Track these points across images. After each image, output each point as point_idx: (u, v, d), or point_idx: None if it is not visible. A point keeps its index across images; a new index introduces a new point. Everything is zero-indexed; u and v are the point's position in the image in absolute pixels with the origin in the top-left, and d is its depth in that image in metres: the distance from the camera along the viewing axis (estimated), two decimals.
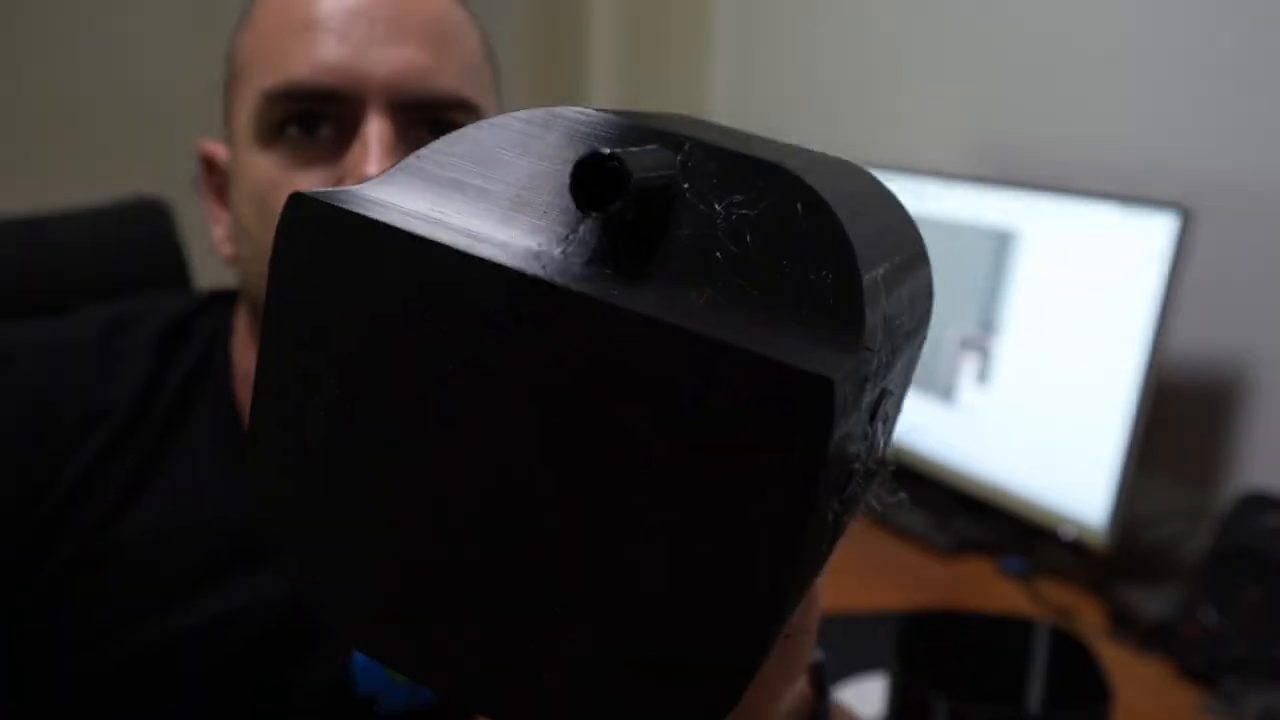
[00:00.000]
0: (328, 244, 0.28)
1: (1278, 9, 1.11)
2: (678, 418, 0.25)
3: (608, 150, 0.25)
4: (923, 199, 1.36)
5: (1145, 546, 1.18)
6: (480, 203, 0.28)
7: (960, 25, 1.58)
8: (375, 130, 0.56)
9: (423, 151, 0.30)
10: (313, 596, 0.30)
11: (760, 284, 0.26)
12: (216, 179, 0.67)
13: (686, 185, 0.27)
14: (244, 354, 0.67)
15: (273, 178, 0.58)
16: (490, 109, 0.63)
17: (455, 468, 0.27)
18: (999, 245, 1.25)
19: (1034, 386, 1.20)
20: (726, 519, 0.25)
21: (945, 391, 1.31)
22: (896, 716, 0.75)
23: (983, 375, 1.26)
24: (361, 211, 0.27)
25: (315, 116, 0.58)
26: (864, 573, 1.22)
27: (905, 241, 0.33)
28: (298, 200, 0.28)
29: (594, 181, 0.25)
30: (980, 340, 1.27)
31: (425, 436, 0.28)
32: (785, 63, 2.06)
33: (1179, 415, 1.22)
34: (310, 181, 0.58)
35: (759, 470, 0.24)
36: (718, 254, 0.27)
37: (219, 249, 0.66)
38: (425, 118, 0.60)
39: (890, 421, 0.32)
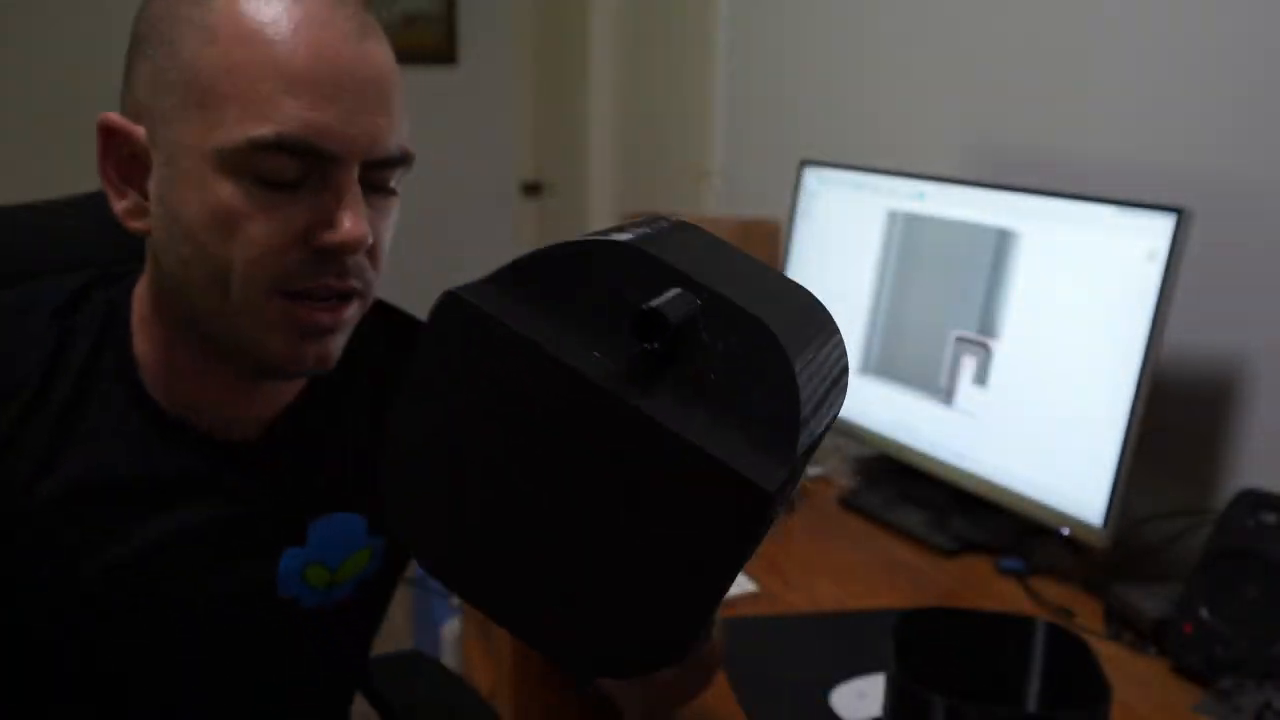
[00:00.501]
0: (466, 333, 0.44)
1: (1272, 11, 1.11)
2: (675, 486, 0.42)
3: (657, 305, 0.41)
4: (922, 201, 1.37)
5: (1142, 545, 1.19)
6: (563, 313, 0.44)
7: (959, 30, 1.58)
8: (353, 191, 0.65)
9: (522, 263, 0.45)
10: (417, 548, 0.47)
11: (738, 405, 0.42)
12: (121, 152, 0.68)
13: (701, 327, 0.43)
14: (145, 326, 0.73)
15: (241, 209, 0.64)
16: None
17: (526, 487, 0.44)
18: (997, 247, 1.26)
19: (1032, 387, 1.21)
20: (696, 547, 0.42)
21: (944, 392, 1.31)
22: (895, 715, 0.76)
23: (981, 376, 1.27)
24: (498, 317, 0.43)
25: (289, 169, 0.64)
26: (864, 573, 1.23)
27: (833, 348, 0.51)
28: (453, 300, 0.44)
29: (646, 325, 0.41)
30: (979, 341, 1.27)
31: (507, 463, 0.45)
32: (786, 67, 2.07)
33: (1176, 415, 1.23)
34: (277, 220, 0.64)
35: (720, 528, 0.41)
36: (712, 376, 0.42)
37: (125, 221, 0.69)
38: (377, 178, 0.68)
39: (813, 450, 0.49)
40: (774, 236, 1.82)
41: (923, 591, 1.19)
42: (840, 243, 1.50)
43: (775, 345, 0.42)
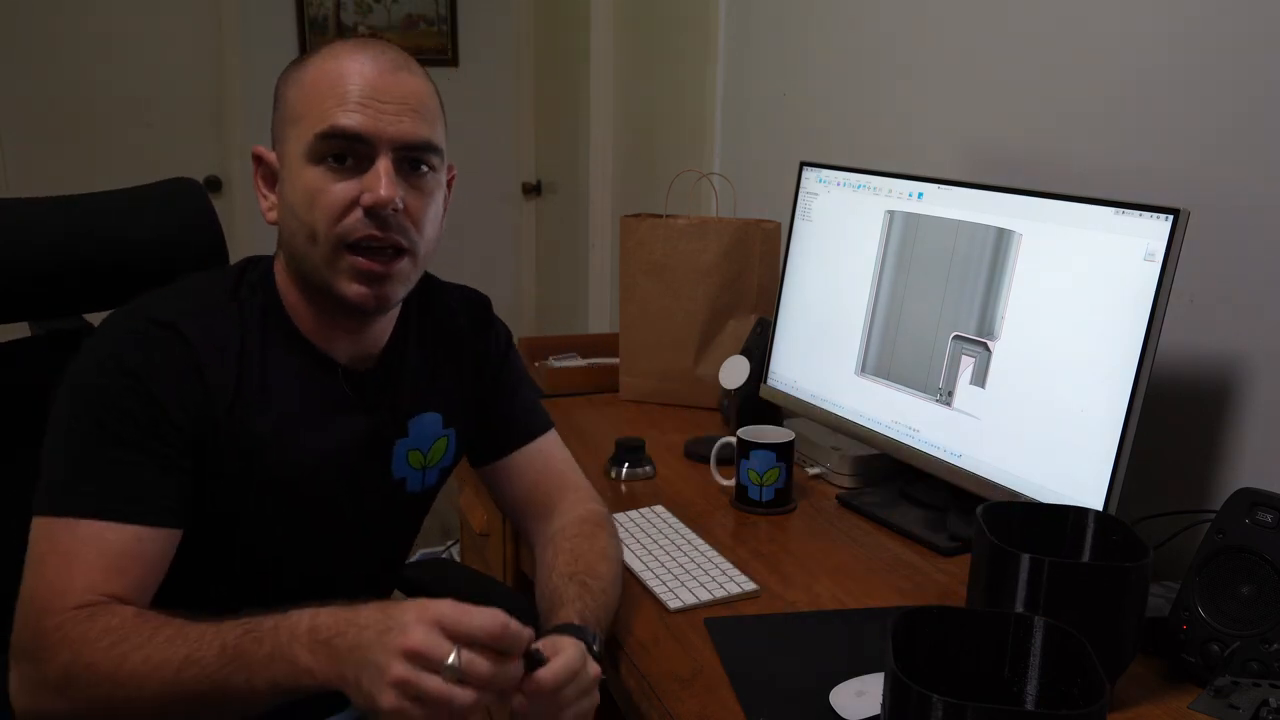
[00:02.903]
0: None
1: (1270, 15, 1.12)
2: None
3: None
4: (921, 201, 1.37)
5: None
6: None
7: (958, 31, 1.59)
8: (384, 166, 0.96)
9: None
10: None
11: None
12: (264, 170, 1.03)
13: None
14: (288, 293, 1.03)
15: (317, 186, 0.96)
16: (442, 137, 1.02)
17: None
18: (996, 248, 1.26)
19: (1031, 387, 1.21)
20: None
21: (943, 393, 1.32)
22: (893, 713, 0.76)
23: (980, 376, 1.27)
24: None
25: (344, 152, 0.95)
26: (864, 573, 1.23)
27: None
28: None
29: None
30: (977, 341, 1.28)
31: None
32: (786, 67, 2.07)
33: (1173, 415, 1.24)
34: (341, 190, 0.95)
35: None
36: None
37: (265, 216, 1.03)
38: (409, 160, 0.98)
39: None
40: (774, 236, 1.82)
41: (921, 590, 1.19)
42: (840, 243, 1.50)
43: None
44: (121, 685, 0.83)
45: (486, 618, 0.77)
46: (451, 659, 0.75)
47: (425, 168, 0.99)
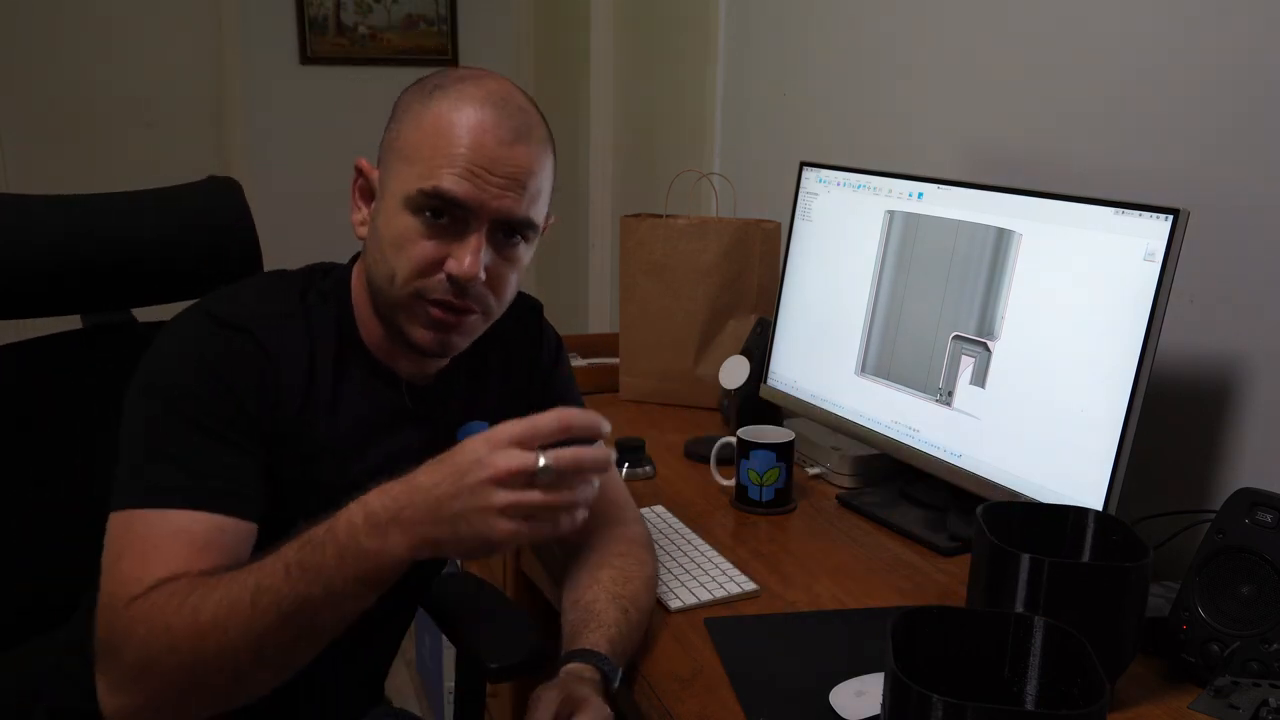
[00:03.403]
0: None
1: (1270, 16, 1.12)
2: None
3: None
4: (921, 201, 1.37)
5: None
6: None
7: (958, 31, 1.59)
8: (476, 238, 0.96)
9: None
10: None
11: None
12: (363, 183, 1.03)
13: None
14: (361, 306, 1.05)
15: (409, 236, 0.96)
16: (543, 209, 1.01)
17: None
18: (996, 247, 1.26)
19: (1031, 387, 1.21)
20: None
21: (943, 393, 1.32)
22: (893, 713, 0.76)
23: (980, 376, 1.27)
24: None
25: (442, 210, 0.95)
26: (863, 573, 1.23)
27: None
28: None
29: None
30: (977, 341, 1.28)
31: None
32: (786, 67, 2.07)
33: (1174, 415, 1.24)
34: (429, 246, 0.95)
35: None
36: None
37: (355, 229, 1.04)
38: (505, 233, 0.98)
39: None
40: (774, 236, 1.82)
41: (921, 590, 1.19)
42: (840, 243, 1.50)
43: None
44: (204, 637, 0.81)
45: (550, 418, 0.80)
46: (542, 462, 0.77)
47: (518, 238, 1.00)
